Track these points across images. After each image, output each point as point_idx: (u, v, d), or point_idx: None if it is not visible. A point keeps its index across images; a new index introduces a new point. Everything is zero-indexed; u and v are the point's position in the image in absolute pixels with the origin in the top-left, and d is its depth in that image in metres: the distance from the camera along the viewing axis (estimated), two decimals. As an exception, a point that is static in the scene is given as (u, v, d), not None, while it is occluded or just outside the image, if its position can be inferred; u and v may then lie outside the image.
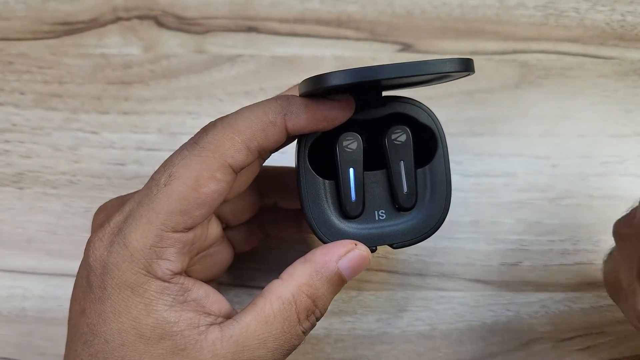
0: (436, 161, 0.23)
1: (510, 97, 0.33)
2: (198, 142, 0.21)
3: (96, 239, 0.21)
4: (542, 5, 0.34)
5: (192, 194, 0.20)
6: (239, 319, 0.21)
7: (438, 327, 0.30)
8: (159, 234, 0.20)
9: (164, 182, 0.20)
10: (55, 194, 0.32)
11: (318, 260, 0.22)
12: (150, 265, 0.20)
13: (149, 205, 0.20)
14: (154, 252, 0.20)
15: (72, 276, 0.31)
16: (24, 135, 0.33)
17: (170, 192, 0.20)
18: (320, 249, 0.22)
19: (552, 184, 0.32)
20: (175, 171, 0.20)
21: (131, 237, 0.20)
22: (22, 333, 0.30)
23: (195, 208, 0.20)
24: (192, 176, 0.20)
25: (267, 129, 0.21)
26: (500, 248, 0.31)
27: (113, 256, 0.20)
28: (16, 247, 0.32)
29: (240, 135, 0.21)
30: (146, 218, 0.20)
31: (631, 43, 0.34)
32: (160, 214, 0.20)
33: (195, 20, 0.34)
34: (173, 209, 0.20)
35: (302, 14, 0.34)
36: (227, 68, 0.34)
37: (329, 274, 0.21)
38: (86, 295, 0.21)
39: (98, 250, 0.21)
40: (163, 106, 0.33)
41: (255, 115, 0.21)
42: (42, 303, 0.31)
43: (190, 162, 0.20)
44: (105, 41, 0.34)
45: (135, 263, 0.20)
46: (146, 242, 0.20)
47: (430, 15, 0.34)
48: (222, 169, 0.20)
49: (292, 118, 0.21)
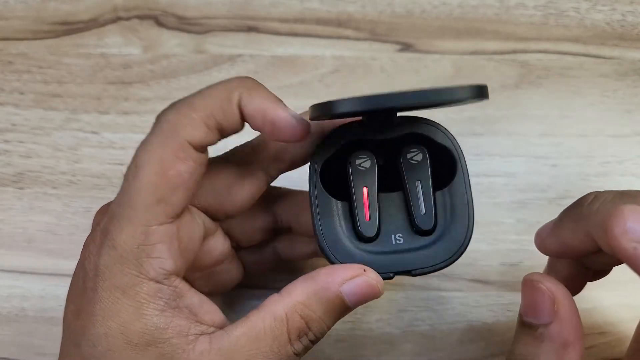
0: (456, 183, 0.22)
1: (510, 97, 0.33)
2: (157, 124, 0.20)
3: (88, 243, 0.21)
4: (542, 5, 0.34)
5: (162, 180, 0.19)
6: (229, 331, 0.20)
7: (438, 328, 0.30)
8: (143, 230, 0.19)
9: (132, 175, 0.20)
10: (55, 194, 0.32)
11: (320, 280, 0.20)
12: (142, 265, 0.19)
13: (127, 202, 0.20)
14: (143, 251, 0.19)
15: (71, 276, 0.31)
16: (24, 135, 0.33)
17: (140, 184, 0.20)
18: (325, 269, 0.21)
19: (552, 184, 0.32)
20: (139, 161, 0.20)
21: (118, 237, 0.19)
22: (22, 333, 0.30)
23: (169, 193, 0.20)
24: (155, 161, 0.20)
25: (225, 107, 0.20)
26: (500, 248, 0.31)
27: (104, 258, 0.20)
28: (16, 247, 0.32)
29: (197, 112, 0.20)
30: (126, 216, 0.20)
31: (631, 43, 0.34)
32: (138, 209, 0.19)
33: (195, 20, 0.34)
34: (148, 201, 0.19)
35: (302, 14, 0.34)
36: (227, 68, 0.34)
37: (328, 296, 0.20)
38: (80, 297, 0.20)
39: (90, 254, 0.20)
40: (163, 106, 0.33)
41: (213, 92, 0.21)
42: (42, 303, 0.31)
43: (151, 147, 0.20)
44: (105, 41, 0.34)
45: (125, 264, 0.19)
46: (133, 242, 0.19)
47: (430, 15, 0.34)
48: (184, 148, 0.20)
49: (246, 97, 0.20)
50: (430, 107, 0.22)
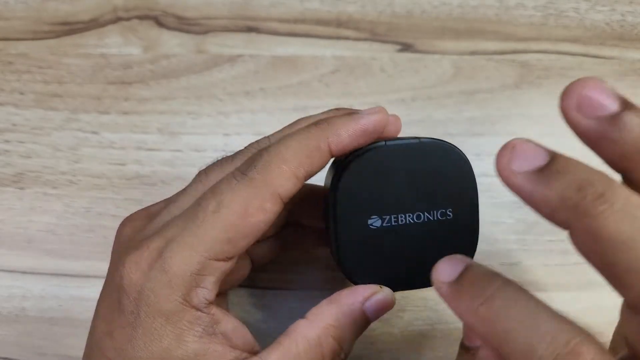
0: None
1: (510, 97, 0.33)
2: (246, 173, 0.20)
3: (132, 262, 0.20)
4: (542, 6, 0.35)
5: (240, 224, 0.20)
6: (264, 357, 0.20)
7: (438, 327, 0.30)
8: (202, 261, 0.20)
9: (212, 210, 0.20)
10: (55, 194, 0.32)
11: (344, 302, 0.22)
12: (188, 294, 0.20)
13: (194, 231, 0.20)
14: (194, 280, 0.20)
15: (73, 276, 0.31)
16: (24, 135, 0.33)
17: (218, 220, 0.20)
18: (347, 291, 0.22)
19: (552, 184, 0.32)
20: (224, 199, 0.20)
21: (172, 262, 0.20)
22: (22, 333, 0.30)
23: (241, 238, 0.20)
24: (241, 205, 0.20)
25: (313, 155, 0.21)
26: (500, 248, 0.31)
27: (151, 282, 0.20)
28: (16, 247, 0.32)
29: (287, 164, 0.20)
30: (189, 244, 0.20)
31: (631, 43, 0.34)
32: (206, 241, 0.20)
33: (195, 20, 0.34)
34: (219, 237, 0.20)
35: (302, 14, 0.34)
36: (227, 68, 0.34)
37: (355, 315, 0.22)
38: (116, 317, 0.20)
39: (134, 274, 0.20)
40: (163, 106, 0.33)
41: (300, 143, 0.21)
42: (42, 303, 0.31)
43: (240, 191, 0.20)
44: (105, 41, 0.34)
45: (173, 290, 0.20)
46: (187, 269, 0.20)
47: (430, 15, 0.34)
48: (272, 199, 0.20)
49: (335, 140, 0.21)
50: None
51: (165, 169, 0.32)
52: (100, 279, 0.22)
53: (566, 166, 0.16)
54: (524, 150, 0.17)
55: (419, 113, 0.33)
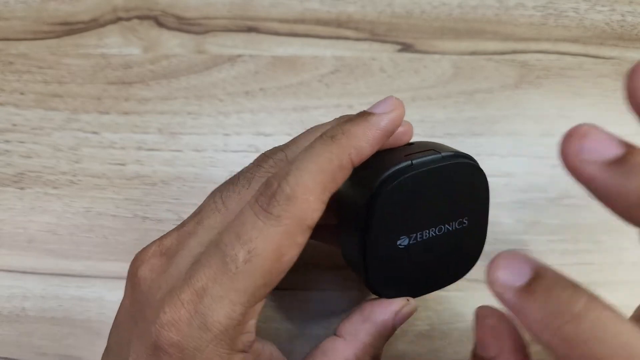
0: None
1: (510, 97, 0.33)
2: (271, 211, 0.19)
3: (168, 322, 0.19)
4: (542, 6, 0.35)
5: (275, 266, 0.19)
6: None
7: (438, 327, 0.30)
8: (243, 311, 0.19)
9: (244, 259, 0.19)
10: (55, 194, 0.32)
11: (378, 320, 0.23)
12: (235, 343, 0.20)
13: (230, 285, 0.19)
14: (238, 330, 0.20)
15: (73, 276, 0.31)
16: (24, 135, 0.33)
17: (253, 269, 0.19)
18: (378, 307, 0.23)
19: (552, 184, 0.32)
20: (255, 247, 0.19)
21: (214, 319, 0.19)
22: (23, 333, 0.30)
23: (276, 277, 0.20)
24: (273, 249, 0.19)
25: (337, 176, 0.20)
26: (500, 248, 0.31)
27: (195, 341, 0.19)
28: (17, 247, 0.32)
29: (313, 193, 0.19)
30: (228, 299, 0.19)
31: (631, 43, 0.34)
32: (244, 292, 0.19)
33: (195, 20, 0.34)
34: (257, 285, 0.19)
35: (302, 14, 0.34)
36: (227, 68, 0.34)
37: (388, 331, 0.23)
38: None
39: (175, 335, 0.19)
40: (163, 106, 0.33)
41: (322, 165, 0.20)
42: (43, 303, 0.31)
43: (269, 234, 0.19)
44: (105, 41, 0.34)
45: (220, 345, 0.19)
46: (230, 323, 0.19)
47: (430, 15, 0.34)
48: (303, 233, 0.20)
49: (356, 153, 0.20)
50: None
51: (165, 169, 0.32)
52: (101, 279, 0.22)
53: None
54: (596, 138, 0.16)
55: (419, 113, 0.33)
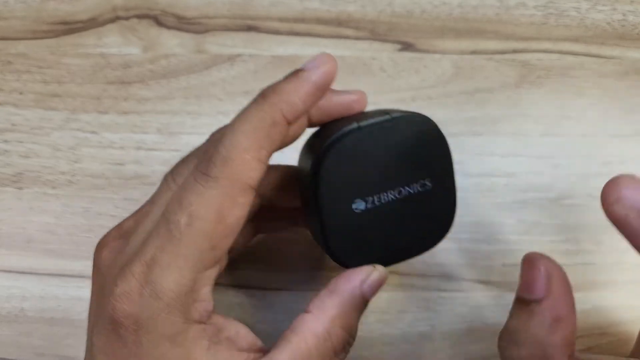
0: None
1: (511, 97, 0.33)
2: (208, 173, 0.19)
3: (121, 294, 0.19)
4: (543, 5, 0.34)
5: (218, 228, 0.19)
6: (273, 357, 0.20)
7: (439, 328, 0.30)
8: (192, 277, 0.19)
9: (185, 223, 0.19)
10: (54, 194, 0.32)
11: (344, 289, 0.22)
12: (188, 312, 0.19)
13: (175, 250, 0.19)
14: (190, 297, 0.19)
15: (72, 276, 0.31)
16: (24, 135, 0.33)
17: (195, 233, 0.19)
18: (342, 278, 0.22)
19: (553, 184, 0.32)
20: (194, 210, 0.19)
21: (164, 287, 0.19)
22: (22, 333, 0.30)
23: (222, 240, 0.19)
24: (214, 211, 0.19)
25: (271, 133, 0.20)
26: (501, 248, 0.31)
27: (147, 310, 0.19)
28: (16, 247, 0.31)
29: (248, 151, 0.19)
30: (175, 265, 0.19)
31: (632, 42, 0.34)
32: (190, 258, 0.19)
33: (195, 19, 0.34)
34: (202, 249, 0.19)
35: (302, 14, 0.34)
36: (226, 68, 0.34)
37: (356, 300, 0.21)
38: (117, 350, 0.19)
39: (127, 306, 0.19)
40: (163, 106, 0.33)
41: (254, 124, 0.20)
42: (42, 303, 0.31)
43: (209, 196, 0.19)
44: (104, 41, 0.34)
45: (172, 313, 0.19)
46: (181, 290, 0.19)
47: (430, 14, 0.34)
48: (243, 192, 0.19)
49: (289, 109, 0.20)
50: None
51: (164, 169, 0.32)
52: (99, 279, 0.22)
53: None
54: (635, 186, 0.16)
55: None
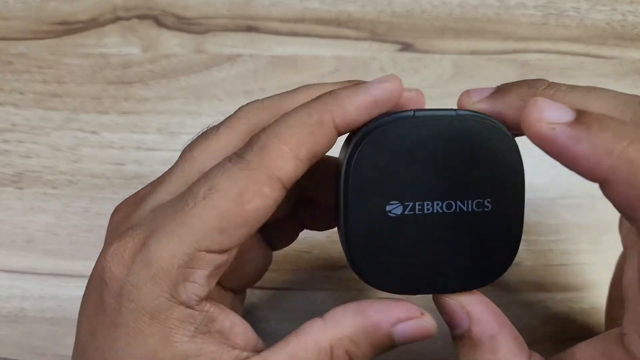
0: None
1: (511, 96, 0.33)
2: (242, 155, 0.18)
3: (114, 253, 0.18)
4: (543, 5, 0.34)
5: (235, 210, 0.18)
6: (267, 358, 0.19)
7: (439, 328, 0.30)
8: (190, 252, 0.18)
9: (203, 195, 0.18)
10: (54, 194, 0.32)
11: (372, 317, 0.19)
12: (176, 289, 0.18)
13: (182, 219, 0.18)
14: (181, 273, 0.18)
15: (72, 276, 0.31)
16: (24, 135, 0.33)
17: (210, 207, 0.18)
18: (379, 304, 0.19)
19: (552, 184, 0.32)
20: (217, 183, 0.18)
21: (156, 255, 0.17)
22: (22, 333, 0.30)
23: (235, 227, 0.18)
24: (236, 190, 0.18)
25: (316, 133, 0.18)
26: (500, 248, 0.31)
27: (133, 276, 0.18)
28: (16, 247, 0.31)
29: (286, 144, 0.18)
30: (177, 234, 0.18)
31: (632, 43, 0.34)
32: (195, 230, 0.18)
33: (194, 20, 0.34)
34: (211, 226, 0.18)
35: (302, 14, 0.34)
36: (226, 68, 0.34)
37: (378, 335, 0.19)
38: (98, 315, 0.18)
39: (116, 267, 0.18)
40: (163, 106, 0.33)
41: (300, 120, 0.19)
42: (42, 303, 0.31)
43: (235, 175, 0.18)
44: (104, 41, 0.34)
45: (158, 285, 0.17)
46: (173, 262, 0.17)
47: (430, 14, 0.34)
48: (271, 183, 0.18)
49: (340, 113, 0.19)
50: None
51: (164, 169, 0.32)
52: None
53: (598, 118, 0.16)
54: (551, 104, 0.17)
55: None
